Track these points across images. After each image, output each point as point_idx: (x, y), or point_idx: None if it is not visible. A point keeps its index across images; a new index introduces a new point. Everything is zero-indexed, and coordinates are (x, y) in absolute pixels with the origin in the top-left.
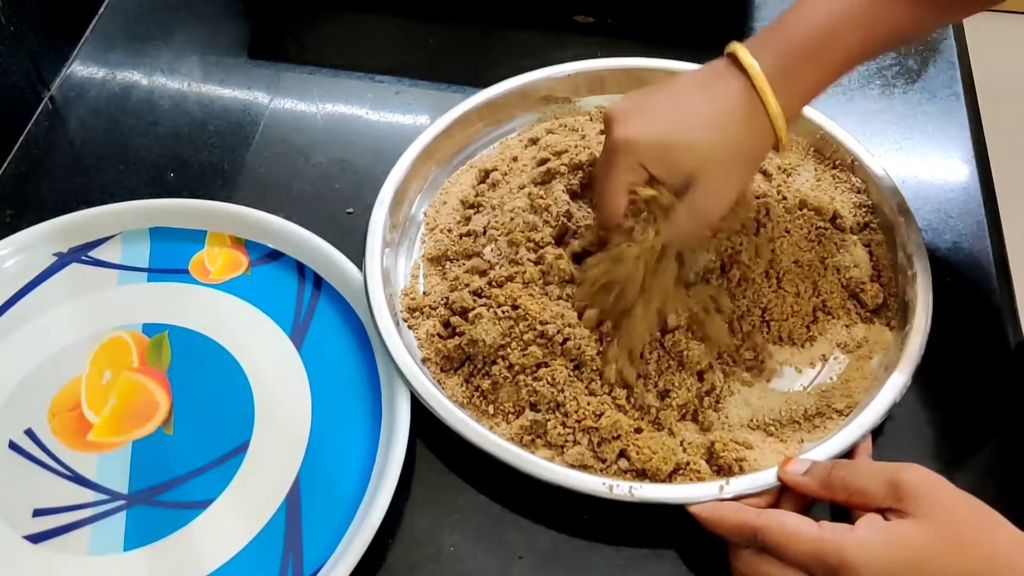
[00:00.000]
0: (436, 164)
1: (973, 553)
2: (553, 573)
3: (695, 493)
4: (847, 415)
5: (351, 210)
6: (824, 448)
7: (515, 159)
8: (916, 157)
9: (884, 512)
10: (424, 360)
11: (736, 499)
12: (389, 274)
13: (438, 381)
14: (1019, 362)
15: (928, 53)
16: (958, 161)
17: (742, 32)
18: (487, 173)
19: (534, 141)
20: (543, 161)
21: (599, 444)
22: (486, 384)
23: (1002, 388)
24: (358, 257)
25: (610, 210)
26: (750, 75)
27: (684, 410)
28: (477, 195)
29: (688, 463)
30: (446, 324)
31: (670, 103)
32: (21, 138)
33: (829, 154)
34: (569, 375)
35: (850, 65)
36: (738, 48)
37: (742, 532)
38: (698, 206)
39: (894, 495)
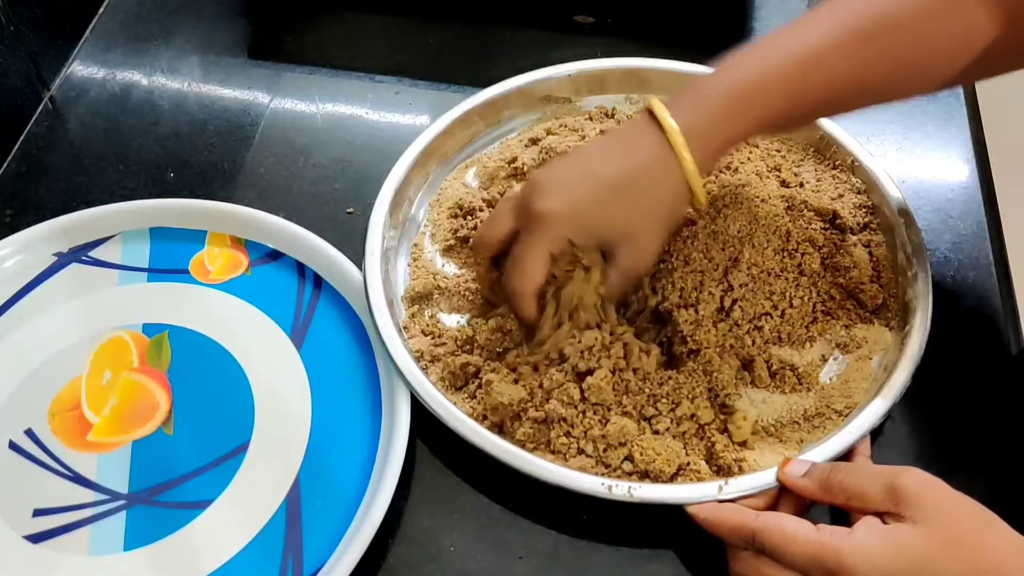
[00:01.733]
0: (436, 164)
1: (971, 557)
2: (553, 573)
3: (694, 493)
4: (846, 416)
5: (351, 210)
6: (823, 448)
7: (515, 159)
8: (916, 157)
9: (882, 516)
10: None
11: (735, 500)
12: (389, 274)
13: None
14: (1019, 363)
15: None
16: (958, 161)
17: (742, 32)
18: (490, 176)
19: (535, 141)
20: (543, 162)
21: (604, 450)
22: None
23: (1001, 389)
24: (358, 257)
25: (529, 276)
26: (665, 130)
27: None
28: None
29: (688, 463)
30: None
31: (587, 169)
32: (21, 138)
33: (829, 155)
34: (581, 395)
35: (777, 123)
36: (655, 104)
37: (740, 534)
38: (625, 267)
39: (892, 499)
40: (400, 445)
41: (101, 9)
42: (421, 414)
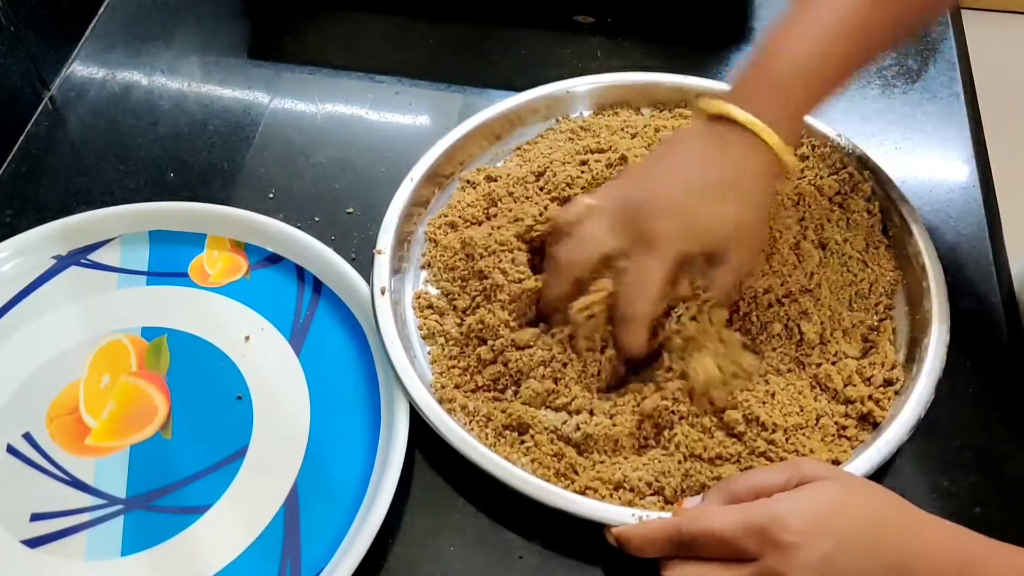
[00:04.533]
0: (438, 186)
1: (884, 501)
2: (553, 573)
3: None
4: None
5: (351, 210)
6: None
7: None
8: (916, 157)
9: None
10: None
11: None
12: (399, 301)
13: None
14: (1017, 362)
15: (928, 53)
16: (958, 161)
17: (742, 32)
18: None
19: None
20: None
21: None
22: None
23: (1001, 389)
24: (358, 258)
25: (652, 301)
26: (755, 131)
27: None
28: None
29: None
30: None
31: (685, 179)
32: (21, 138)
33: (829, 156)
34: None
35: (835, 89)
36: (731, 109)
37: (670, 540)
38: (738, 265)
39: (800, 478)
40: (399, 449)
41: (101, 9)
42: (420, 415)
